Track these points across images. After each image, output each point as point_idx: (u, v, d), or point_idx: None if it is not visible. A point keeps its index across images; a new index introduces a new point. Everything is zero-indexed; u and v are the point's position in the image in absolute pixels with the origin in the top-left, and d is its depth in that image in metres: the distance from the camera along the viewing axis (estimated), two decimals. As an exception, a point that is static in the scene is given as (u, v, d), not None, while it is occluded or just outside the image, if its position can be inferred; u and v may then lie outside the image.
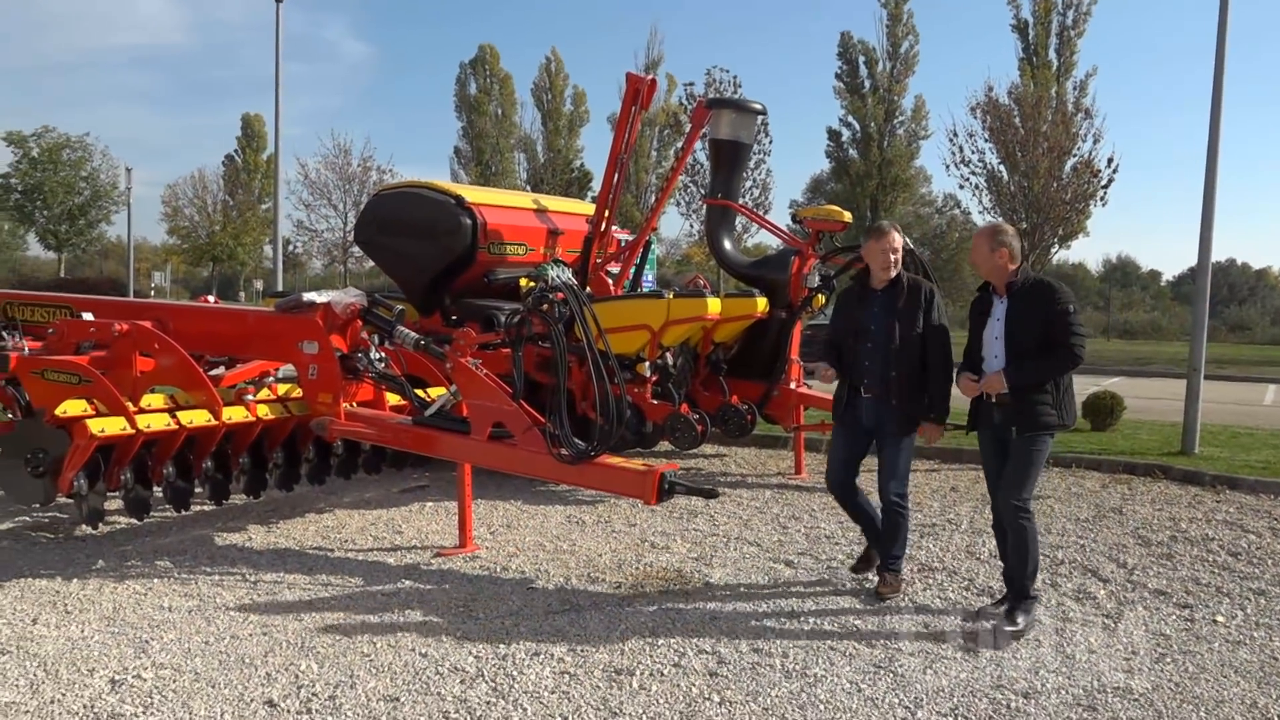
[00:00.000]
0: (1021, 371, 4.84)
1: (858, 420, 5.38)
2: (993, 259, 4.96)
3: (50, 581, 5.48)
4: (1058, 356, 4.80)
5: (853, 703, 4.05)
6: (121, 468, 5.79)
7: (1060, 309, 4.79)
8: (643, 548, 6.41)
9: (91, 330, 6.31)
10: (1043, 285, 4.86)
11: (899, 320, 5.23)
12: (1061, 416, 4.88)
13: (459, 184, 13.04)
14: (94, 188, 58.26)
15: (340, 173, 41.25)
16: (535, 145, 51.15)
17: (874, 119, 42.36)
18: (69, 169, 56.82)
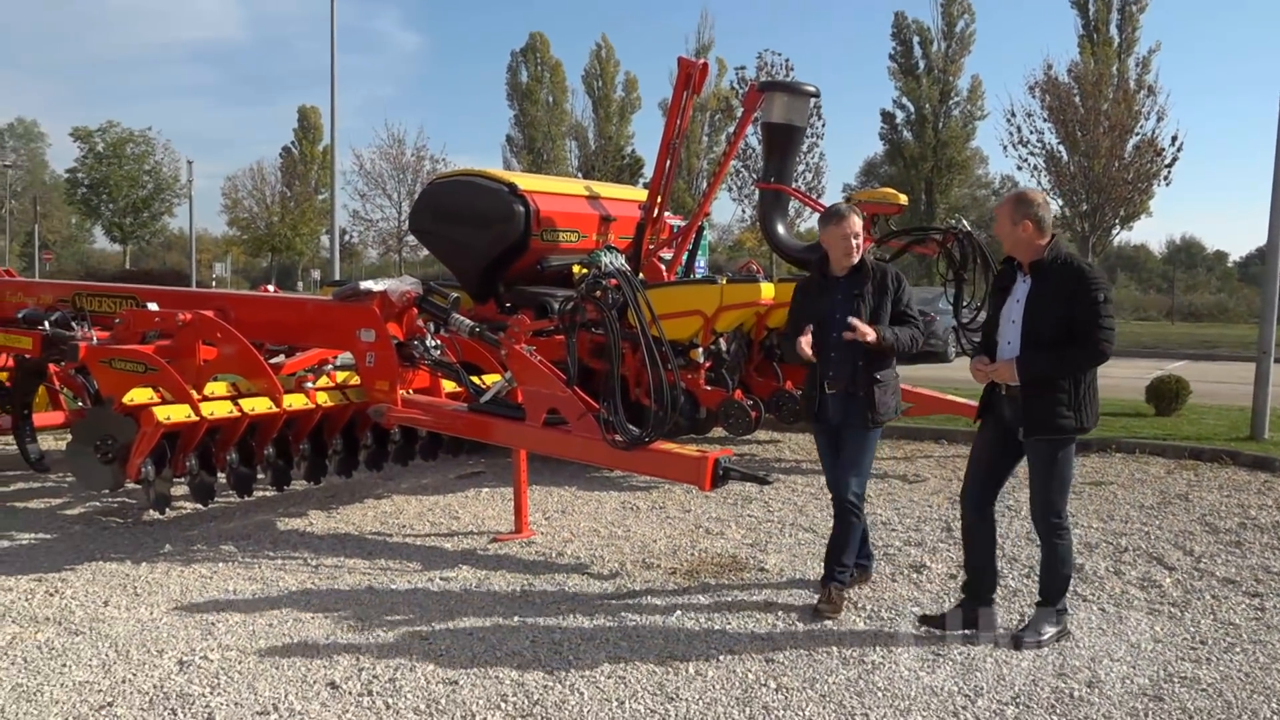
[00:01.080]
0: (1036, 363, 4.32)
1: (826, 419, 4.93)
2: (1015, 232, 4.40)
3: (120, 565, 5.63)
4: (1080, 350, 4.25)
5: (911, 690, 4.01)
6: (186, 454, 5.92)
7: (1090, 295, 4.23)
8: (697, 534, 6.41)
9: (156, 320, 6.43)
10: (1073, 267, 4.32)
11: (865, 308, 4.82)
12: (1079, 419, 4.34)
13: (512, 172, 13.10)
14: (156, 181, 59.54)
15: (394, 163, 41.72)
16: (586, 132, 51.17)
17: (929, 100, 41.72)
18: (133, 163, 58.16)
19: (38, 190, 73.74)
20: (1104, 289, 4.29)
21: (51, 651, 4.37)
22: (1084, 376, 4.35)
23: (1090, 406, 4.39)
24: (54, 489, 7.57)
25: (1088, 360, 4.29)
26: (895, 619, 4.82)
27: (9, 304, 7.89)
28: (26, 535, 6.25)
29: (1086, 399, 4.36)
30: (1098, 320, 4.24)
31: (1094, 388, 4.43)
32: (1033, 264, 4.42)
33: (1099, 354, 4.27)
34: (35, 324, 7.19)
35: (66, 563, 5.66)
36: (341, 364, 7.24)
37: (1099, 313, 4.24)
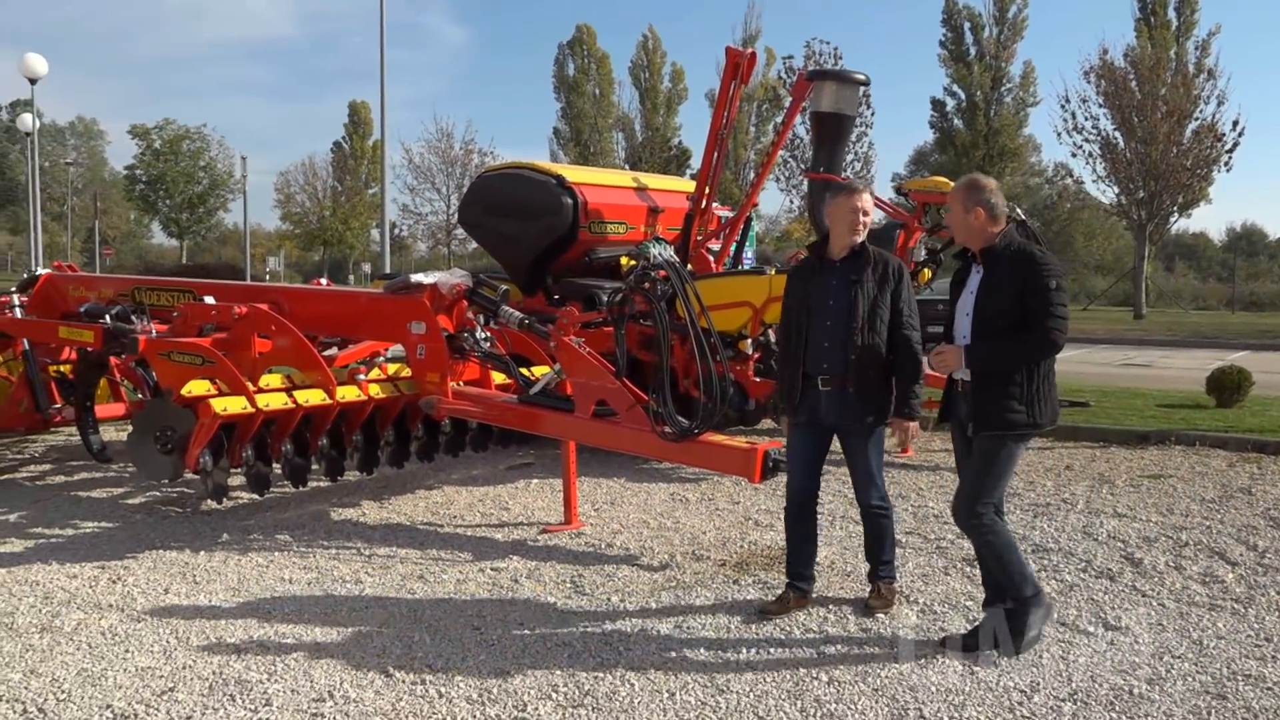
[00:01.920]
0: (984, 352, 4.12)
1: (815, 416, 4.65)
2: (967, 220, 4.21)
3: (180, 553, 5.75)
4: (1029, 340, 4.05)
5: (965, 685, 3.96)
6: (243, 445, 6.01)
7: (1040, 283, 4.04)
8: (746, 526, 6.38)
9: (213, 313, 6.55)
10: (1024, 254, 4.12)
11: (863, 295, 4.52)
12: (1032, 414, 4.10)
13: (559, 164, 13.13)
14: (212, 177, 60.60)
15: (443, 156, 42.10)
16: (633, 124, 51.12)
17: (980, 87, 41.05)
18: (188, 159, 59.26)
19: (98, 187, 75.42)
20: (1055, 276, 4.09)
21: (115, 637, 4.47)
22: (1037, 369, 4.13)
23: (1045, 402, 4.14)
24: (116, 479, 7.74)
25: (1038, 350, 4.09)
26: (949, 613, 4.76)
27: (72, 299, 8.09)
28: (90, 524, 6.40)
29: (1041, 393, 4.13)
30: (1048, 308, 4.04)
31: (1050, 381, 4.19)
32: (984, 252, 4.23)
33: (1049, 344, 4.07)
34: (97, 318, 7.35)
35: (128, 551, 5.79)
36: (393, 356, 7.32)
37: (1049, 301, 4.05)
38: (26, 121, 27.90)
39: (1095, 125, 30.25)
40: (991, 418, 4.13)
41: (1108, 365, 17.39)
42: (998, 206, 4.18)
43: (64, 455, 8.69)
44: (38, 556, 5.66)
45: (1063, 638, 4.44)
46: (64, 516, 6.59)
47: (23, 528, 6.30)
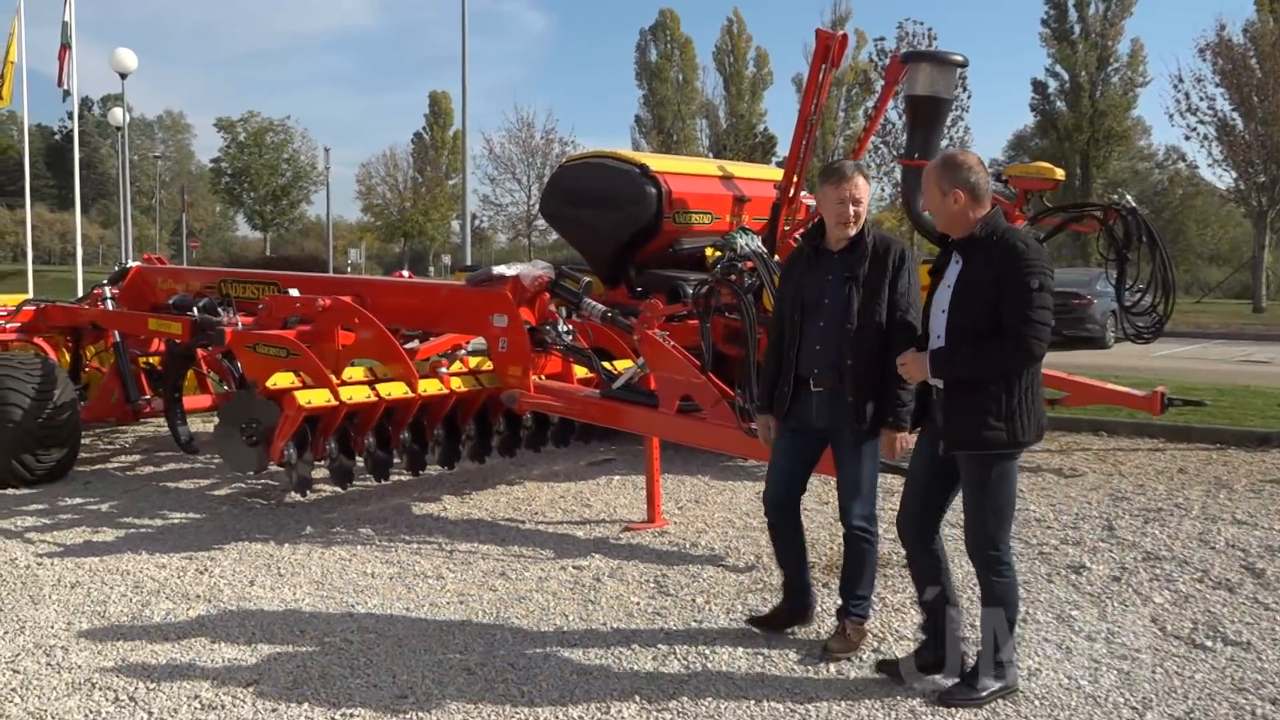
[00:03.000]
0: (948, 360, 3.71)
1: (806, 421, 4.30)
2: (946, 204, 3.79)
3: (265, 545, 5.90)
4: (1001, 347, 3.62)
5: (1072, 700, 3.84)
6: (326, 438, 6.14)
7: (1020, 280, 3.60)
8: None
9: (297, 306, 6.70)
10: (1006, 245, 3.68)
11: (859, 291, 4.15)
12: (1011, 431, 3.67)
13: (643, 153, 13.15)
14: (295, 169, 62.28)
15: (524, 146, 42.51)
16: (717, 110, 50.99)
17: (1085, 67, 39.86)
18: (272, 151, 61.02)
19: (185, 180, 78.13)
20: (1039, 273, 3.61)
21: (202, 627, 4.61)
22: (1017, 380, 3.68)
23: (1027, 416, 3.70)
24: (202, 470, 7.99)
25: (1013, 359, 3.63)
26: (1054, 623, 4.63)
27: (161, 291, 8.36)
28: (178, 515, 6.62)
29: (1023, 407, 3.69)
30: (1026, 312, 3.58)
31: (1034, 393, 3.73)
32: (962, 241, 3.79)
33: (1026, 352, 3.61)
34: (185, 310, 7.59)
35: (215, 542, 5.97)
36: (474, 349, 7.40)
37: (1029, 302, 3.58)
38: (117, 116, 29.02)
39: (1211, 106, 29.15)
40: (965, 435, 3.71)
41: (1224, 361, 16.74)
42: (980, 187, 3.76)
43: (153, 446, 9.01)
44: (128, 546, 5.87)
45: (1177, 652, 4.28)
46: (153, 507, 6.82)
47: (114, 517, 6.54)
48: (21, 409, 7.07)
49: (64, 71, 25.01)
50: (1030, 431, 3.73)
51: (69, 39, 24.80)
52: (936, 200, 3.83)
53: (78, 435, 7.56)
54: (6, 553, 5.72)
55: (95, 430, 9.41)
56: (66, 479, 7.50)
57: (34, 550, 5.78)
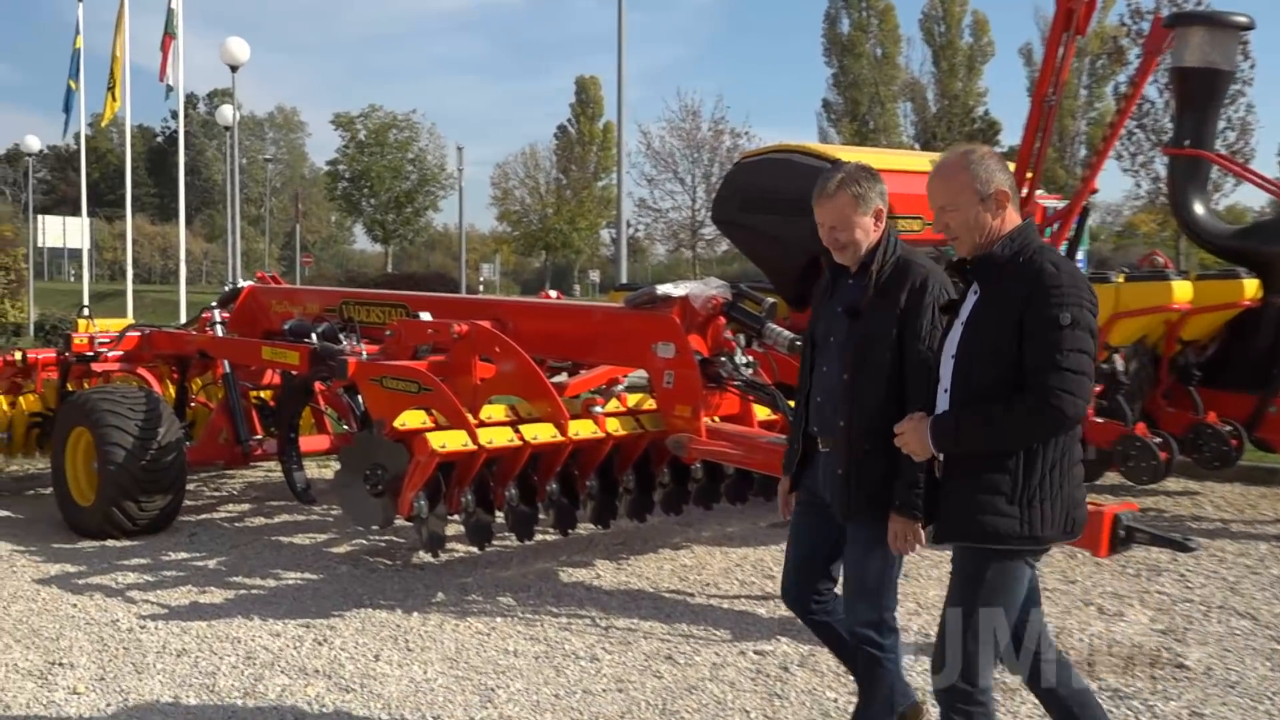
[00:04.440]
0: (951, 428, 3.38)
1: (816, 491, 4.11)
2: (964, 213, 3.45)
3: (390, 614, 6.12)
4: (1017, 409, 3.26)
5: None
6: (462, 488, 6.32)
7: (1046, 313, 3.24)
8: (1087, 613, 6.08)
9: (429, 332, 6.93)
10: (1032, 268, 3.32)
11: (857, 331, 3.91)
12: (1028, 521, 3.29)
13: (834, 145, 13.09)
14: (421, 171, 64.59)
15: (687, 139, 42.81)
16: (925, 91, 50.39)
17: None
18: (395, 151, 63.53)
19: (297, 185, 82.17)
20: (1071, 303, 3.24)
21: (322, 709, 4.81)
22: (1042, 451, 3.30)
23: (1053, 503, 3.31)
24: (319, 523, 8.36)
25: (1035, 425, 3.26)
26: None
27: (275, 315, 8.83)
28: (292, 575, 6.94)
29: (1047, 490, 3.31)
30: (1053, 354, 3.21)
31: (1065, 471, 3.34)
32: (979, 264, 3.45)
33: (1051, 415, 3.23)
34: (302, 337, 7.97)
35: (334, 608, 6.22)
36: (633, 384, 7.50)
37: (1057, 343, 3.22)
38: (226, 114, 30.89)
39: None
40: (961, 520, 3.37)
41: None
42: (1013, 187, 3.49)
43: (264, 494, 9.48)
44: (238, 610, 6.19)
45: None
46: (264, 565, 7.17)
47: (222, 575, 6.91)
48: (124, 449, 7.55)
49: (167, 65, 26.82)
50: (1055, 523, 3.32)
51: (174, 28, 26.62)
52: (970, 212, 3.43)
53: (183, 480, 8.02)
54: (108, 613, 6.12)
55: (200, 475, 9.97)
56: (170, 530, 7.97)
57: (137, 611, 6.15)
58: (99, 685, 5.09)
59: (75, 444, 8.03)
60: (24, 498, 9.58)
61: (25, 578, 6.85)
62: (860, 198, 3.96)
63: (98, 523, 7.72)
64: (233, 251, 27.78)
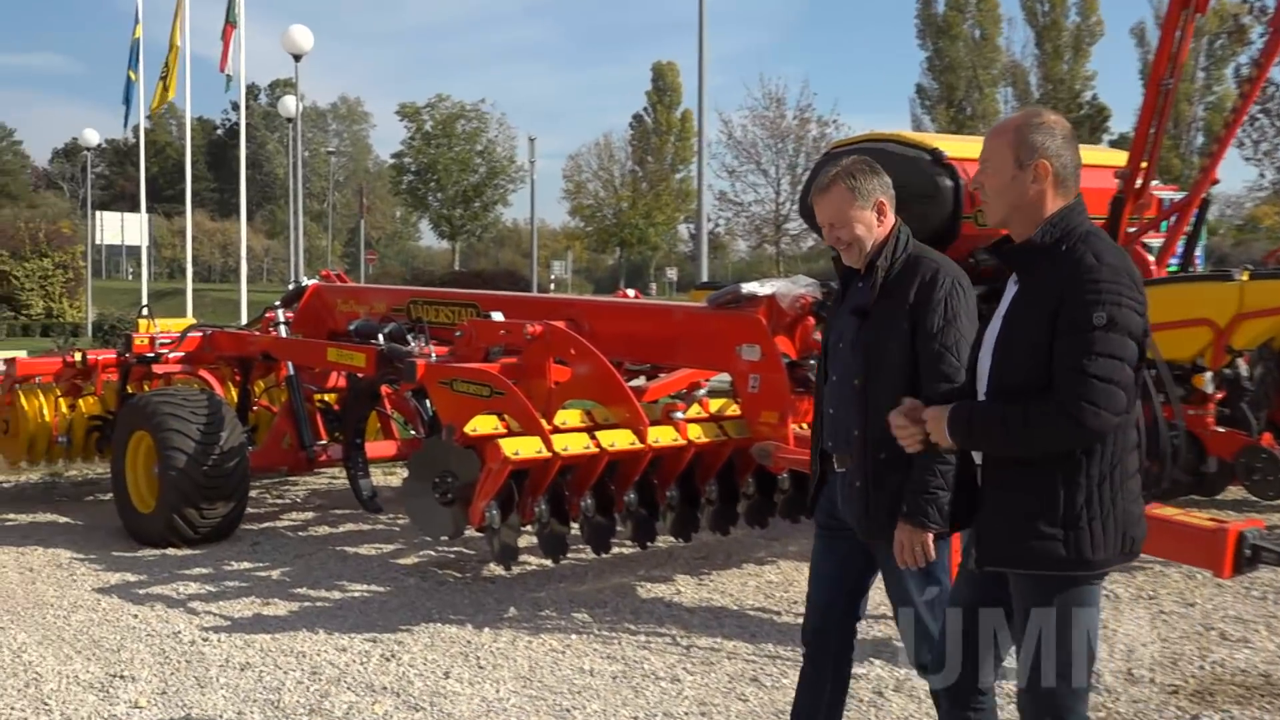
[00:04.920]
0: (968, 421, 3.25)
1: (834, 515, 4.02)
2: (1018, 184, 3.30)
3: (460, 629, 6.18)
4: (1043, 410, 3.11)
5: None
6: (536, 498, 6.36)
7: (1079, 311, 3.09)
8: (1207, 638, 5.95)
9: (502, 333, 6.98)
10: (1071, 259, 3.16)
11: (866, 332, 3.84)
12: (1075, 544, 3.13)
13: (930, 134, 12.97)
14: (490, 163, 65.06)
15: (771, 128, 42.77)
16: (1027, 75, 49.77)
17: None
18: (463, 142, 64.07)
19: (361, 179, 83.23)
20: (1108, 301, 3.07)
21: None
22: (1087, 462, 3.14)
23: (1103, 522, 3.14)
24: (385, 532, 8.47)
25: (1045, 433, 3.11)
26: None
27: (340, 314, 8.97)
28: (358, 587, 7.03)
29: (1095, 507, 3.14)
30: (1081, 357, 3.06)
31: (1116, 487, 3.16)
32: (1019, 251, 3.32)
33: (1068, 425, 3.07)
34: (369, 338, 8.09)
35: (402, 622, 6.30)
36: (716, 389, 7.49)
37: (1087, 345, 3.06)
38: (289, 105, 31.38)
39: None
40: (1003, 543, 3.24)
41: None
42: (1069, 165, 3.28)
43: (328, 501, 9.64)
44: (303, 623, 6.29)
45: None
46: (330, 576, 7.28)
47: (286, 587, 7.02)
48: (186, 454, 7.72)
49: (228, 54, 27.37)
50: (1109, 545, 3.15)
51: (235, 16, 27.16)
52: (1005, 176, 3.30)
53: (246, 487, 8.19)
54: (169, 624, 6.25)
55: (263, 481, 10.15)
56: (232, 538, 8.13)
57: (199, 623, 6.28)
58: (161, 699, 5.20)
59: (136, 448, 8.23)
60: (83, 503, 9.86)
61: (85, 586, 7.03)
62: (856, 190, 3.89)
63: (158, 530, 7.90)
64: (295, 248, 28.21)
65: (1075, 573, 3.16)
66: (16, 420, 9.60)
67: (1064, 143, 3.28)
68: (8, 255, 40.39)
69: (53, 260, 41.39)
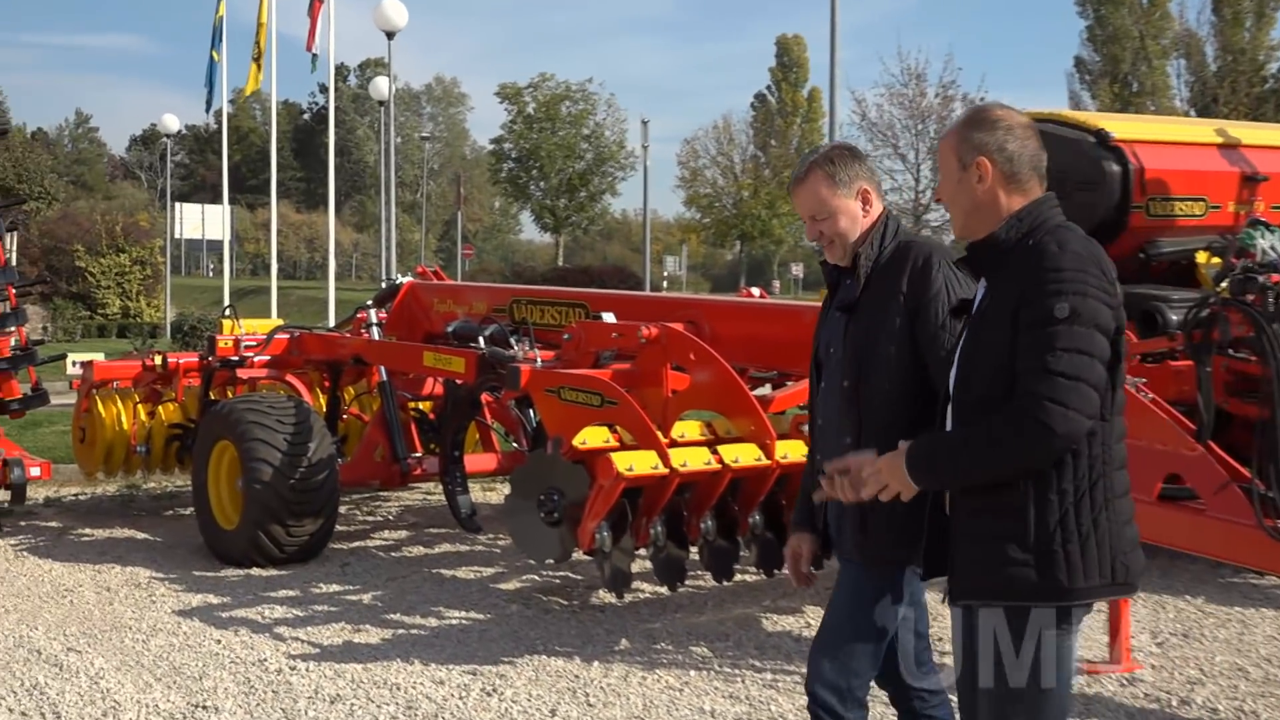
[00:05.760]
0: (925, 455, 3.20)
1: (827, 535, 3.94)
2: (963, 185, 3.30)
3: (567, 662, 6.21)
4: (1005, 420, 3.04)
5: None
6: (651, 519, 6.36)
7: (1040, 304, 3.03)
8: None
9: (614, 336, 7.00)
10: (1035, 251, 3.12)
11: (854, 328, 3.80)
12: (1048, 571, 3.04)
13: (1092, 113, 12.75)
14: (597, 149, 65.45)
15: (910, 108, 42.21)
16: (1202, 44, 48.56)
17: None
18: (568, 126, 64.56)
19: (458, 166, 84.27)
20: (1071, 290, 3.01)
21: (492, 770, 4.91)
22: (1057, 480, 3.06)
23: (1082, 545, 3.04)
24: (485, 554, 8.56)
25: (1011, 444, 3.04)
26: None
27: (437, 315, 9.08)
28: (456, 614, 7.11)
29: (1073, 528, 3.05)
30: (1042, 356, 2.99)
31: (1097, 505, 3.07)
32: (981, 250, 3.30)
33: (1034, 430, 2.99)
34: (468, 340, 8.17)
35: (503, 653, 6.35)
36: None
37: (1049, 342, 2.99)
38: (380, 87, 31.96)
39: None
40: (974, 574, 3.17)
41: None
42: (1019, 157, 3.23)
43: (423, 519, 9.77)
44: (397, 652, 6.38)
45: None
46: (425, 601, 7.37)
47: (378, 612, 7.13)
48: (272, 467, 7.88)
49: (315, 32, 27.89)
50: (1090, 571, 3.04)
51: (324, -10, 27.67)
52: (952, 180, 3.32)
53: (335, 502, 8.34)
54: (255, 651, 6.38)
55: (353, 496, 10.32)
56: (320, 558, 8.29)
57: (286, 650, 6.40)
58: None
59: (218, 459, 8.41)
60: (163, 518, 10.12)
61: (165, 609, 7.21)
62: (834, 177, 3.86)
63: (242, 548, 8.06)
64: (386, 242, 28.72)
65: (1052, 603, 3.07)
66: (93, 428, 9.79)
67: (1008, 135, 3.25)
68: (83, 251, 41.54)
69: (130, 256, 42.52)
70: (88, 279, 41.25)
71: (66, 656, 6.30)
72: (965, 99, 41.47)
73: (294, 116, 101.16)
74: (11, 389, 9.06)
